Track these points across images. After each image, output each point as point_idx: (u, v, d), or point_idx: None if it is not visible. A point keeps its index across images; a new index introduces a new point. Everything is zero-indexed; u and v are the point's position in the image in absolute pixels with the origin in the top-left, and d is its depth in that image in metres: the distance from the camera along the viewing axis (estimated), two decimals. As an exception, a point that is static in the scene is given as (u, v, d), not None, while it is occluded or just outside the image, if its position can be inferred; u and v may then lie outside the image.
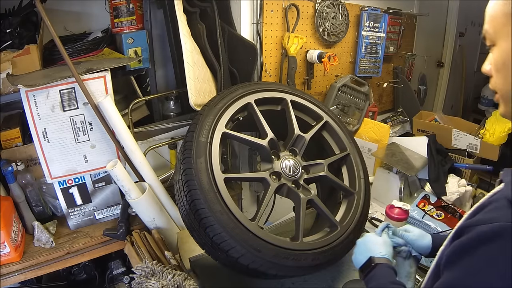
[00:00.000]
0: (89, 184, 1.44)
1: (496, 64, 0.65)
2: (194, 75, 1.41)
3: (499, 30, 0.63)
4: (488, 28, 0.65)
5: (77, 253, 1.39)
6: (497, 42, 0.64)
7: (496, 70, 0.66)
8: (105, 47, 1.52)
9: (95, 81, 1.29)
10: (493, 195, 0.63)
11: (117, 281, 1.64)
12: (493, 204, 0.60)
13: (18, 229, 1.32)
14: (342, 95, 1.99)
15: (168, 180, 1.64)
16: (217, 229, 0.95)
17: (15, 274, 1.28)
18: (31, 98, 1.21)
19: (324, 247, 1.08)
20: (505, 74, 0.64)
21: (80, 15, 1.62)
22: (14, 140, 1.36)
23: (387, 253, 0.91)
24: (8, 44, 1.29)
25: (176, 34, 1.59)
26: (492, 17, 0.64)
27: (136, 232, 1.38)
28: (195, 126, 1.09)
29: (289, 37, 1.67)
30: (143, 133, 1.59)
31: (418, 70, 2.77)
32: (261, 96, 1.25)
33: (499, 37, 0.63)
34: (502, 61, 0.63)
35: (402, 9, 2.35)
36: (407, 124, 2.55)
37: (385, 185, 1.79)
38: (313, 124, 1.34)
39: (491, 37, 0.65)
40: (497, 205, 0.59)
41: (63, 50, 1.22)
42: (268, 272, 0.97)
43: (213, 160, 1.05)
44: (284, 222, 1.49)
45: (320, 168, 1.24)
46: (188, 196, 0.99)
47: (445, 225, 1.48)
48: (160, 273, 1.10)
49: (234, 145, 1.83)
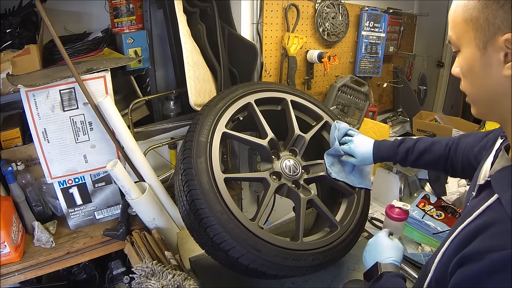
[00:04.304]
0: (89, 184, 1.44)
1: (462, 70, 0.65)
2: (194, 75, 1.41)
3: (460, 37, 0.62)
4: (451, 34, 0.64)
5: (77, 253, 1.39)
6: (461, 48, 0.63)
7: (463, 75, 0.65)
8: (105, 47, 1.52)
9: (95, 81, 1.29)
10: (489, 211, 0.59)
11: (117, 281, 1.64)
12: (497, 226, 0.56)
13: (18, 229, 1.32)
14: (342, 95, 2.00)
15: (168, 180, 1.64)
16: (217, 229, 0.95)
17: (15, 274, 1.28)
18: (31, 98, 1.21)
19: (324, 247, 1.08)
20: (471, 81, 0.64)
21: (80, 15, 1.62)
22: (14, 140, 1.36)
23: (397, 257, 0.91)
24: (8, 44, 1.29)
25: (176, 34, 1.59)
26: (454, 24, 0.63)
27: (136, 232, 1.38)
28: (195, 126, 1.09)
29: (289, 37, 1.67)
30: (143, 133, 1.59)
31: (418, 70, 2.77)
32: (261, 96, 1.25)
33: (461, 44, 0.62)
34: (466, 67, 0.63)
35: (402, 9, 2.35)
36: (407, 124, 2.56)
37: (385, 185, 1.79)
38: (313, 124, 1.34)
39: (455, 43, 0.64)
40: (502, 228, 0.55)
41: (63, 50, 1.22)
42: (268, 272, 0.97)
43: (213, 160, 1.05)
44: (284, 222, 1.49)
45: (320, 168, 1.24)
46: (188, 196, 0.99)
47: (445, 225, 1.48)
48: (160, 273, 1.10)
49: (234, 145, 1.83)
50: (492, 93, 0.61)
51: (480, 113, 0.67)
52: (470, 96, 0.66)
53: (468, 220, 0.62)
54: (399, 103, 2.63)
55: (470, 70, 0.62)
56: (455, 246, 0.62)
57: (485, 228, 0.57)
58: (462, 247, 0.59)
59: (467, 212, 0.64)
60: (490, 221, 0.57)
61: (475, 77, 0.62)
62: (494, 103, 0.61)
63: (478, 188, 0.68)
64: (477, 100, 0.65)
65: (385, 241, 0.96)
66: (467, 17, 0.59)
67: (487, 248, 0.54)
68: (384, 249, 0.93)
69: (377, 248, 0.95)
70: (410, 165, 1.13)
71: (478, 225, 0.59)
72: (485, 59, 0.59)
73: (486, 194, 0.63)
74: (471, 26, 0.59)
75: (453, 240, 0.63)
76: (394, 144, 1.15)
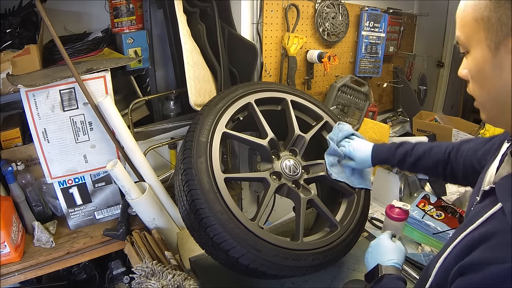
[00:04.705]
0: (89, 184, 1.44)
1: (471, 72, 0.62)
2: (194, 75, 1.41)
3: (470, 37, 0.59)
4: (460, 34, 0.61)
5: (77, 253, 1.39)
6: (470, 49, 0.60)
7: (472, 78, 0.62)
8: (105, 47, 1.52)
9: (95, 81, 1.29)
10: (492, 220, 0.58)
11: (117, 281, 1.64)
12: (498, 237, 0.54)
13: (18, 229, 1.32)
14: (342, 95, 1.99)
15: (168, 180, 1.64)
16: (217, 229, 0.95)
17: (15, 274, 1.28)
18: (31, 98, 1.21)
19: (324, 247, 1.08)
20: (481, 83, 0.61)
21: (80, 15, 1.62)
22: (14, 140, 1.36)
23: (398, 260, 0.90)
24: (8, 44, 1.29)
25: (176, 34, 1.59)
26: (462, 23, 0.60)
27: (136, 232, 1.38)
28: (195, 126, 1.09)
29: (289, 37, 1.67)
30: (143, 133, 1.59)
31: (418, 70, 2.77)
32: (261, 96, 1.25)
33: (471, 45, 0.59)
34: (476, 69, 0.60)
35: (402, 9, 2.35)
36: (407, 124, 2.56)
37: (385, 185, 1.79)
38: (313, 124, 1.34)
39: (463, 44, 0.61)
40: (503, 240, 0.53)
41: (63, 50, 1.22)
42: (268, 272, 0.97)
43: (213, 160, 1.05)
44: (284, 222, 1.49)
45: (320, 168, 1.24)
46: (188, 196, 0.99)
47: (445, 225, 1.48)
48: (160, 273, 1.10)
49: (234, 145, 1.83)
50: (503, 97, 0.58)
51: (490, 118, 0.64)
52: (479, 100, 0.63)
53: (471, 227, 0.60)
54: (399, 103, 2.63)
55: (480, 72, 0.59)
56: (457, 253, 0.61)
57: (487, 238, 0.56)
58: (463, 255, 0.58)
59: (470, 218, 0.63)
60: (492, 231, 0.56)
61: (485, 80, 0.59)
62: (505, 108, 0.58)
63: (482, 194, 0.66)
64: (486, 104, 0.62)
65: (387, 243, 0.95)
66: (477, 16, 0.57)
67: (487, 259, 0.53)
68: (385, 251, 0.93)
69: (379, 250, 0.95)
70: (408, 168, 1.12)
71: (481, 234, 0.57)
72: (496, 60, 0.56)
73: (490, 201, 0.61)
74: (482, 26, 0.56)
75: (455, 247, 0.62)
76: (392, 147, 1.14)
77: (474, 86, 0.63)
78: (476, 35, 0.58)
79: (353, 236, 1.18)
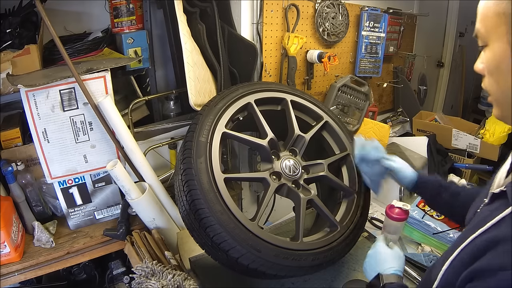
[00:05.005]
0: (89, 184, 1.44)
1: (488, 66, 0.62)
2: (194, 75, 1.41)
3: (491, 31, 0.59)
4: (480, 27, 0.62)
5: (77, 253, 1.39)
6: (489, 42, 0.60)
7: (489, 72, 0.62)
8: (105, 47, 1.52)
9: (95, 81, 1.29)
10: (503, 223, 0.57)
11: (117, 281, 1.64)
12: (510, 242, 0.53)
13: (18, 229, 1.32)
14: (342, 95, 1.99)
15: (168, 180, 1.64)
16: (217, 229, 0.95)
17: (15, 274, 1.28)
18: (31, 98, 1.21)
19: (324, 247, 1.08)
20: (497, 78, 0.60)
21: (80, 15, 1.62)
22: (14, 140, 1.36)
23: (398, 267, 0.88)
24: (8, 44, 1.29)
25: (176, 34, 1.59)
26: (484, 16, 0.61)
27: (136, 232, 1.38)
28: (195, 126, 1.09)
29: (289, 37, 1.67)
30: (143, 133, 1.59)
31: (418, 70, 2.77)
32: (261, 96, 1.25)
33: (491, 38, 0.60)
34: (494, 63, 0.60)
35: (402, 9, 2.35)
36: (407, 124, 2.56)
37: (385, 185, 1.78)
38: (313, 124, 1.34)
39: (483, 37, 0.61)
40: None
41: (63, 50, 1.22)
42: (268, 272, 0.97)
43: (213, 160, 1.05)
44: (284, 222, 1.49)
45: (320, 168, 1.24)
46: (188, 196, 0.99)
47: (445, 225, 1.48)
48: (160, 273, 1.10)
49: (234, 145, 1.83)
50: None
51: (503, 115, 0.63)
52: (494, 96, 0.63)
53: (480, 230, 0.59)
54: (399, 103, 2.63)
55: (498, 67, 0.59)
56: (465, 256, 0.60)
57: (498, 242, 0.55)
58: (472, 259, 0.57)
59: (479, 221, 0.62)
60: (504, 235, 0.55)
61: (502, 75, 0.59)
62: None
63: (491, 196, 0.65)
64: (501, 100, 0.61)
65: (384, 251, 0.93)
66: (499, 11, 0.57)
67: (499, 265, 0.52)
68: (384, 259, 0.91)
69: (377, 258, 0.92)
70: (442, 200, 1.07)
71: (491, 238, 0.56)
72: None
73: (501, 204, 0.60)
74: (504, 20, 0.56)
75: (463, 249, 0.61)
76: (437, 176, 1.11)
77: (490, 81, 0.62)
78: (497, 29, 0.58)
79: (353, 236, 1.18)
